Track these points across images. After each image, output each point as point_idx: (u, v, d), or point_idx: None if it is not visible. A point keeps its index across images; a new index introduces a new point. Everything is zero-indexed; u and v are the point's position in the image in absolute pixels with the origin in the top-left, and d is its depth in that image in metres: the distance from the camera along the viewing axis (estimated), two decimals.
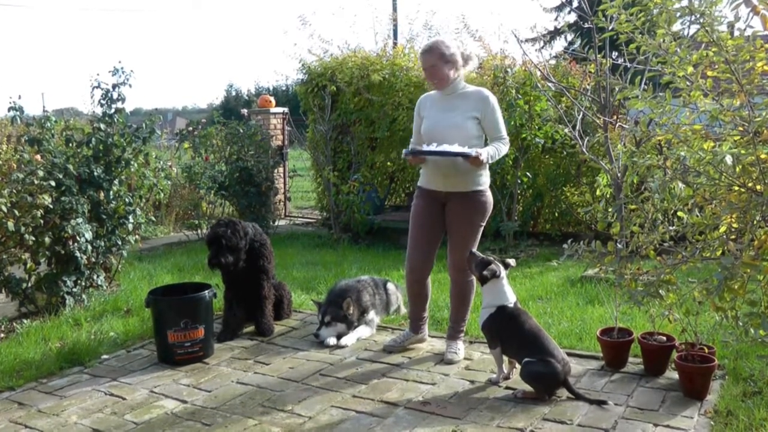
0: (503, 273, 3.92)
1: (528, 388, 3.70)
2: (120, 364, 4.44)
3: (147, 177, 6.51)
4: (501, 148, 4.23)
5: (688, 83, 3.18)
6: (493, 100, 4.27)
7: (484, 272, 3.87)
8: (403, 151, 4.25)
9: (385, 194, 9.78)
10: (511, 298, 3.89)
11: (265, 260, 5.00)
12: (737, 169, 2.94)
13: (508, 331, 3.82)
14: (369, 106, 9.08)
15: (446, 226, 4.38)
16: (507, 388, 3.85)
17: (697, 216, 3.26)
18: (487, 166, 4.25)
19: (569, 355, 3.99)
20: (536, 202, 8.67)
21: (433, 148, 4.07)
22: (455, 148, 4.04)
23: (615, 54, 8.62)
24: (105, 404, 3.79)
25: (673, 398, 3.64)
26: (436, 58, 4.22)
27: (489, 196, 4.32)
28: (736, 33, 2.98)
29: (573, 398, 3.64)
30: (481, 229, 4.35)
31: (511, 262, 4.05)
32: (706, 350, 3.75)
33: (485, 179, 4.30)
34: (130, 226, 6.03)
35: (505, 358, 3.94)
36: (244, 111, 11.69)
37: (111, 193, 5.86)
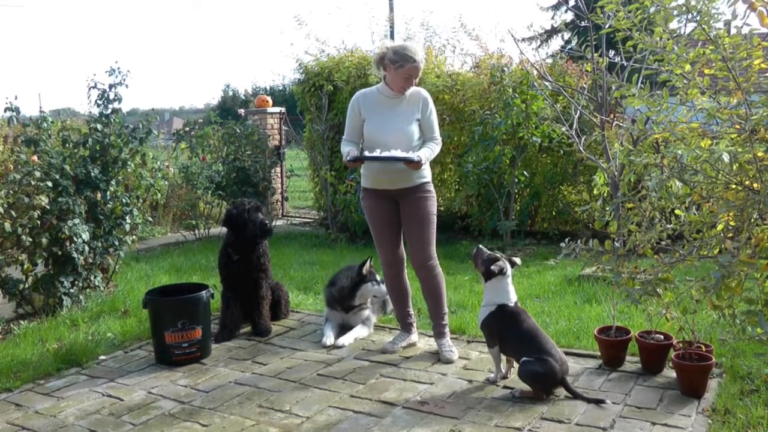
0: (510, 271, 3.92)
1: (526, 387, 3.69)
2: (117, 365, 4.44)
3: (144, 177, 6.51)
4: (435, 149, 4.40)
5: (685, 81, 3.18)
6: (431, 100, 4.44)
7: (492, 267, 3.86)
8: (346, 157, 4.25)
9: None
10: (512, 298, 3.89)
11: (265, 258, 5.00)
12: (734, 167, 2.94)
13: (506, 330, 3.81)
14: None
15: (403, 225, 4.45)
16: (505, 387, 3.85)
17: (695, 214, 3.26)
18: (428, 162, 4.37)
19: (567, 354, 3.99)
20: (533, 201, 8.68)
21: (381, 154, 4.18)
22: (397, 153, 4.16)
23: (612, 52, 8.63)
24: (102, 405, 3.78)
25: (670, 397, 3.65)
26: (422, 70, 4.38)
27: (433, 188, 4.49)
28: (734, 30, 2.98)
29: (571, 397, 3.64)
30: (435, 220, 4.42)
31: (517, 260, 4.06)
32: (704, 348, 3.75)
33: (427, 173, 4.43)
34: (128, 227, 6.02)
35: (503, 357, 3.94)
36: (241, 111, 11.68)
37: (108, 193, 5.85)
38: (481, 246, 4.10)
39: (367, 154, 4.24)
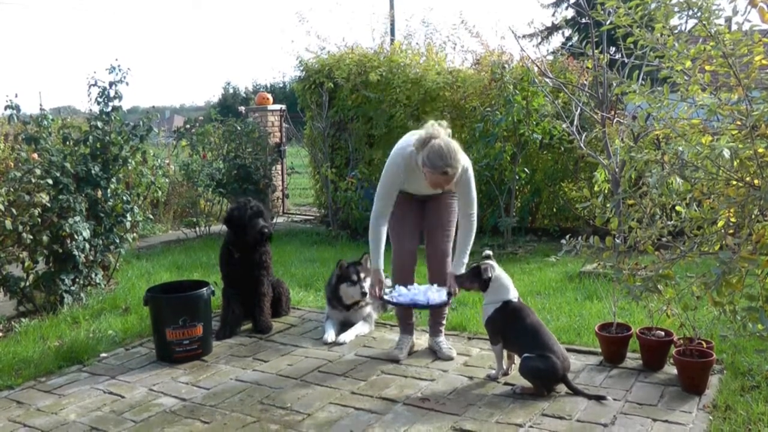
0: (495, 265, 3.92)
1: (527, 383, 3.69)
2: (118, 362, 4.44)
3: (144, 175, 6.51)
4: (470, 237, 4.18)
5: (686, 78, 3.18)
6: (470, 172, 4.10)
7: (485, 277, 3.85)
8: (373, 290, 4.14)
9: None
10: (514, 293, 3.89)
11: (266, 256, 5.00)
12: (735, 164, 2.94)
13: (510, 326, 3.81)
14: (366, 103, 9.08)
15: (427, 216, 4.41)
16: (506, 383, 3.85)
17: (695, 210, 3.26)
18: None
19: (568, 350, 3.99)
20: (534, 197, 8.68)
21: (409, 297, 4.06)
22: (433, 294, 4.06)
23: (612, 49, 8.63)
24: (104, 402, 3.78)
25: (671, 393, 3.65)
26: (456, 177, 3.91)
27: None
28: (734, 27, 2.98)
29: (572, 394, 3.64)
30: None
31: (488, 251, 4.07)
32: (705, 345, 3.75)
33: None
34: (128, 224, 6.02)
35: (504, 353, 3.94)
36: (242, 108, 11.68)
37: (108, 191, 5.85)
38: (450, 271, 4.09)
39: (395, 295, 4.09)
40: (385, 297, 4.07)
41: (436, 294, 4.06)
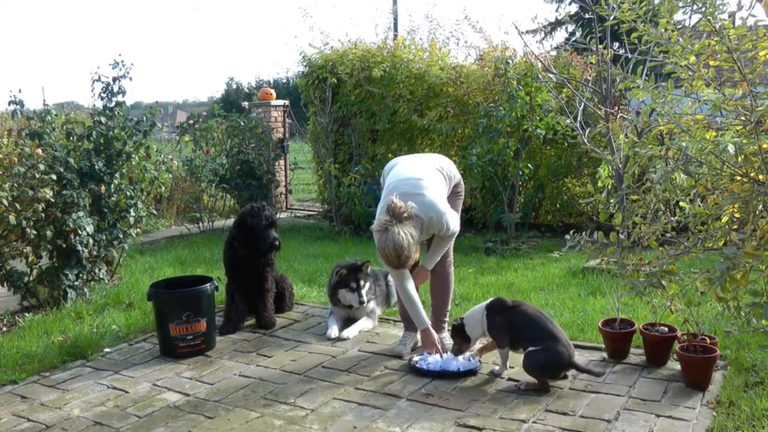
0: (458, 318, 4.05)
1: (531, 379, 3.70)
2: (122, 357, 4.45)
3: (148, 170, 6.51)
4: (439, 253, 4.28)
5: (690, 73, 3.17)
6: (438, 225, 4.08)
7: (457, 327, 3.99)
8: (416, 364, 4.05)
9: None
10: (486, 302, 3.98)
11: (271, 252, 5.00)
12: (739, 159, 2.93)
13: (511, 325, 3.81)
14: (370, 98, 9.07)
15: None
16: (509, 379, 3.85)
17: (699, 206, 3.25)
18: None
19: None
20: (538, 193, 8.67)
21: (439, 365, 4.00)
22: (460, 361, 4.03)
23: (616, 44, 8.60)
24: (107, 397, 3.79)
25: (675, 389, 3.64)
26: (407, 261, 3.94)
27: (462, 186, 4.59)
28: (739, 22, 2.97)
29: (575, 390, 3.64)
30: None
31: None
32: (708, 341, 3.74)
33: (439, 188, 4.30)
34: (132, 220, 6.03)
35: (485, 341, 3.99)
36: (245, 104, 11.68)
37: (112, 186, 5.86)
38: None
39: (426, 363, 4.04)
40: (416, 365, 4.04)
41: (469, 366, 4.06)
